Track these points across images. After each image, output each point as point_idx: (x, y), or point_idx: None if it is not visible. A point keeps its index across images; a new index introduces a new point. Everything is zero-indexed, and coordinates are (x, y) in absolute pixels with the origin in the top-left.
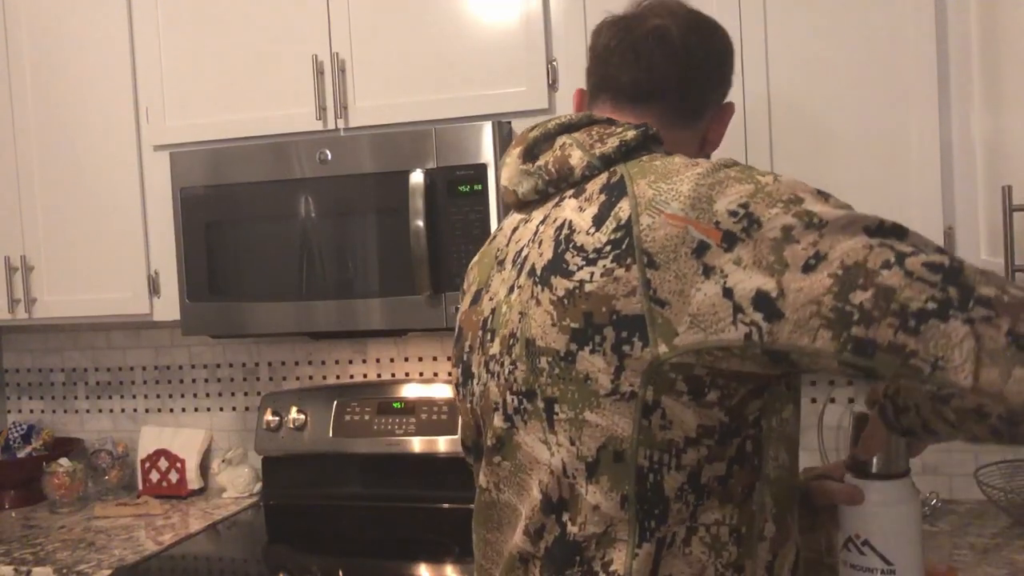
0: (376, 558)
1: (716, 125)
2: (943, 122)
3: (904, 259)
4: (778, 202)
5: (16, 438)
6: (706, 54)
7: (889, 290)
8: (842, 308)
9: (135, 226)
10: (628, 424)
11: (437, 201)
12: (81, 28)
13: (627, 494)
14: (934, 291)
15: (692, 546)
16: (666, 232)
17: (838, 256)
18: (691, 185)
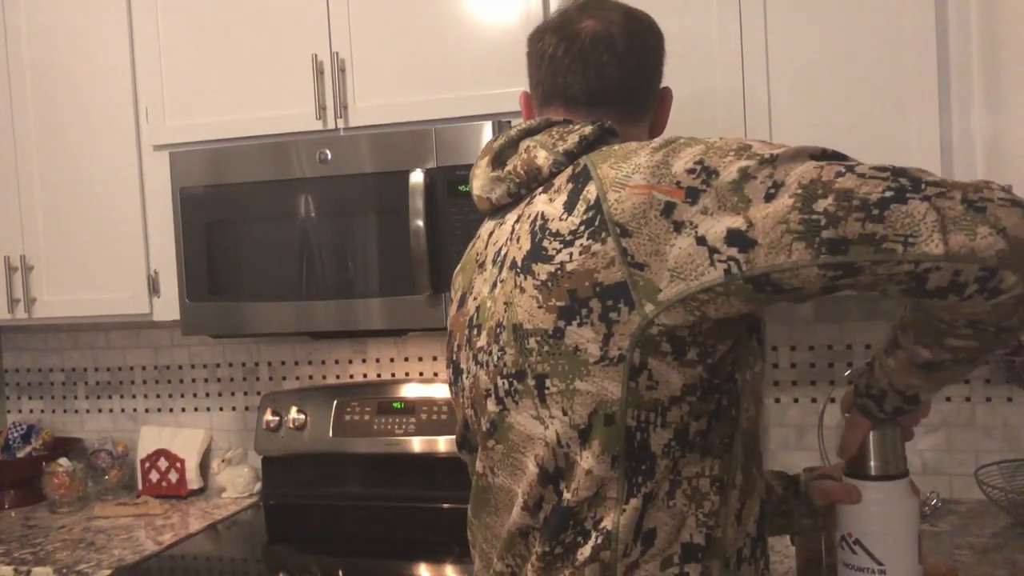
0: (376, 558)
1: (660, 113)
2: (943, 122)
3: (853, 167)
4: (729, 152)
5: (16, 438)
6: (646, 54)
7: (847, 191)
8: (809, 218)
9: (135, 226)
10: (617, 387)
11: (437, 201)
12: (81, 28)
13: (617, 454)
14: (888, 182)
15: (676, 498)
16: (633, 202)
17: (794, 179)
18: (647, 156)
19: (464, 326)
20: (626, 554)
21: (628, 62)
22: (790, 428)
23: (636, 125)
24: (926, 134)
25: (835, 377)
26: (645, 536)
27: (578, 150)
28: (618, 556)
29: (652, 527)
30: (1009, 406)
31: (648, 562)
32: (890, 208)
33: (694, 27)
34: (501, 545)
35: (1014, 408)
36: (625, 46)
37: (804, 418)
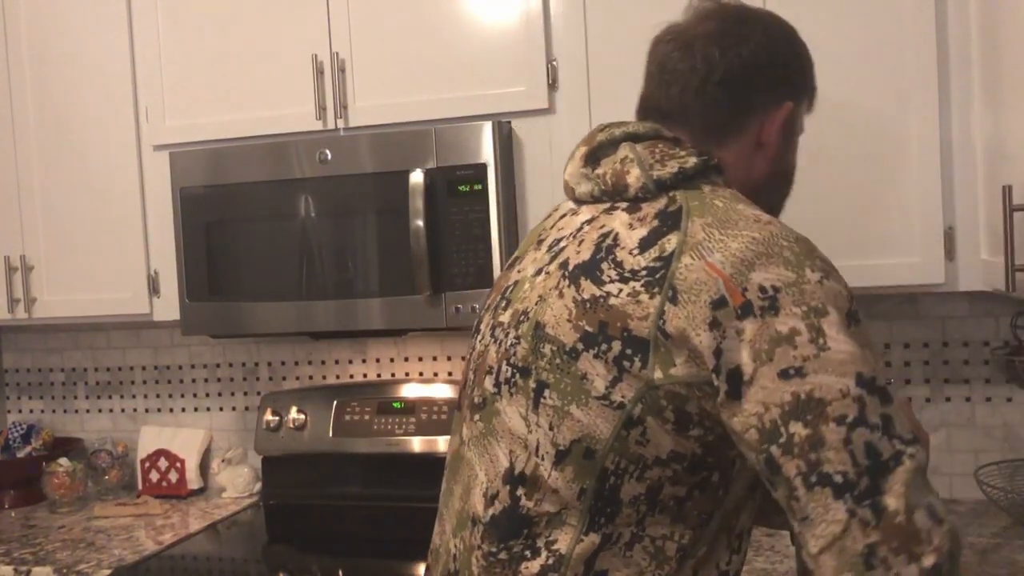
0: (376, 558)
1: (768, 128)
2: (943, 122)
3: (858, 427)
4: (805, 304)
5: (16, 438)
6: (734, 61)
7: (821, 442)
8: (778, 427)
9: (135, 226)
10: (608, 429)
11: (437, 201)
12: (81, 28)
13: (585, 488)
14: (851, 471)
15: (634, 551)
16: (698, 276)
17: (812, 383)
18: (741, 245)
19: (500, 290)
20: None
21: (700, 74)
22: None
23: (721, 147)
24: (926, 134)
25: None
26: (596, 574)
27: (673, 182)
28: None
29: (604, 568)
30: (1009, 406)
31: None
32: (824, 490)
33: None
34: (456, 521)
35: (1014, 408)
36: (703, 56)
37: None
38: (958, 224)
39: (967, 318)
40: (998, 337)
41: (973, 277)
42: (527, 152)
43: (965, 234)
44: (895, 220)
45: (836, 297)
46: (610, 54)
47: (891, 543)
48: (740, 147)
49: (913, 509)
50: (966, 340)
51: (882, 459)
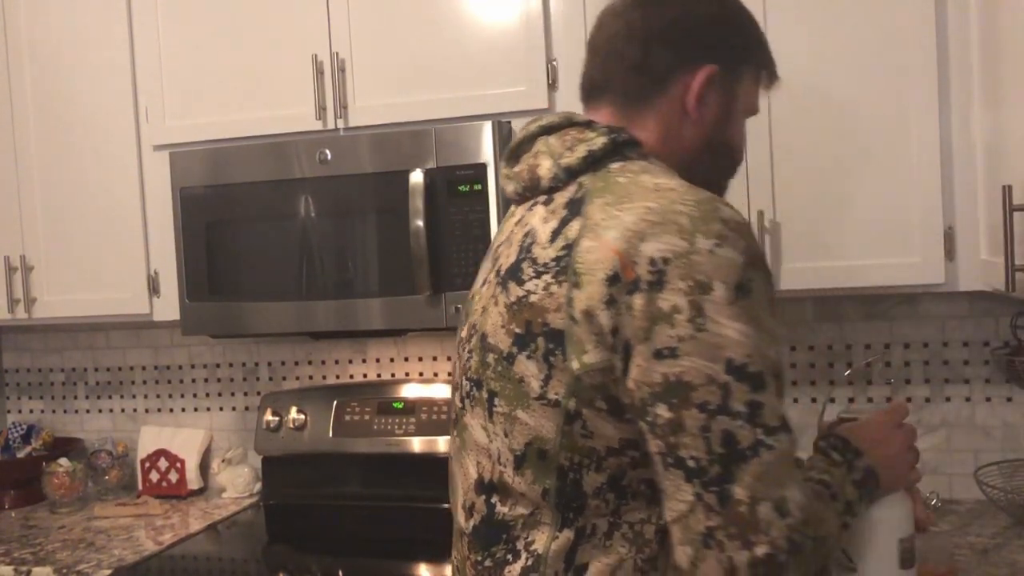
0: (376, 558)
1: (689, 93)
2: (943, 122)
3: (719, 415)
4: (691, 277)
5: (16, 438)
6: (656, 17)
7: (680, 427)
8: (646, 406)
9: (135, 226)
10: (552, 428)
11: (437, 201)
12: (81, 28)
13: (548, 488)
14: (704, 458)
15: (613, 540)
16: (596, 256)
17: (682, 367)
18: (635, 217)
19: (465, 307)
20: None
21: (624, 34)
22: None
23: (647, 106)
24: (926, 134)
25: (835, 377)
26: (577, 568)
27: (582, 166)
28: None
29: (585, 562)
30: (1009, 406)
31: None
32: (677, 471)
33: None
34: (455, 536)
35: (1014, 408)
36: (625, 20)
37: (804, 418)
38: (958, 224)
39: (967, 318)
40: (998, 337)
41: (973, 277)
42: None
43: (965, 234)
44: (895, 220)
45: (725, 268)
46: None
47: (729, 528)
48: (665, 114)
49: (759, 500)
50: (966, 340)
51: (739, 448)
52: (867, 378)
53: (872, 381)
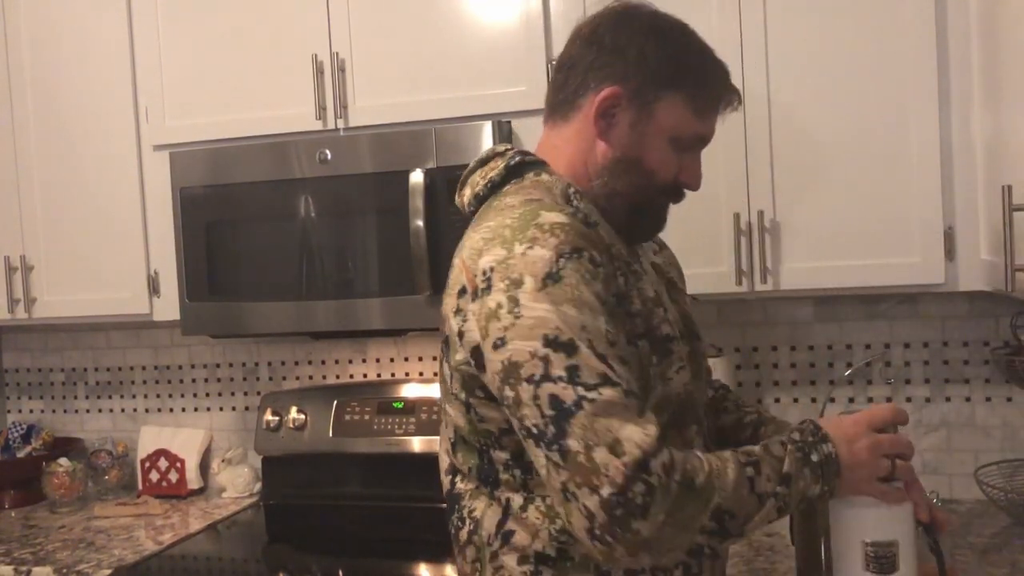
0: (376, 558)
1: (588, 110)
2: (943, 122)
3: (542, 383)
4: (507, 278)
5: (16, 438)
6: (584, 41)
7: (519, 401)
8: (501, 393)
9: (135, 226)
10: (461, 417)
11: (437, 201)
12: (81, 28)
13: (472, 466)
14: (540, 422)
15: (528, 512)
16: (455, 274)
17: (511, 351)
18: (479, 236)
19: None
20: (488, 543)
21: (563, 58)
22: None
23: (564, 124)
24: (926, 134)
25: (835, 377)
26: (504, 535)
27: (486, 192)
28: (484, 542)
29: (511, 530)
30: (1009, 406)
31: (507, 555)
32: (528, 440)
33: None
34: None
35: (1014, 408)
36: (570, 40)
37: (804, 418)
38: (958, 224)
39: (967, 318)
40: (998, 337)
41: (973, 277)
42: None
43: (965, 234)
44: (895, 220)
45: (534, 264)
46: None
47: (575, 479)
48: (580, 131)
49: (592, 447)
50: (966, 340)
51: (564, 406)
52: (867, 378)
53: (872, 381)
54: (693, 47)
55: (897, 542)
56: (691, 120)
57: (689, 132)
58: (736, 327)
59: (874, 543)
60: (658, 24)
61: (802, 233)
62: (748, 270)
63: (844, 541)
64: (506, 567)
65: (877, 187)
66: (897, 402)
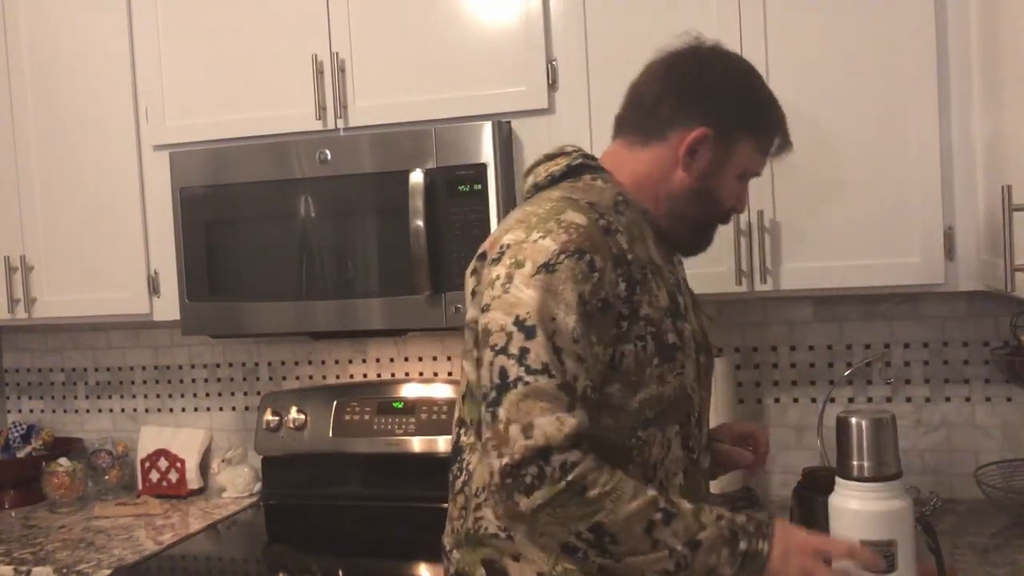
0: (376, 558)
1: (680, 144)
2: (943, 122)
3: (500, 354)
4: (514, 257)
5: (16, 438)
6: (677, 77)
7: (480, 362)
8: (478, 349)
9: (135, 226)
10: (473, 372)
11: (437, 201)
12: (81, 28)
13: (475, 418)
14: (487, 385)
15: None
16: (484, 244)
17: (489, 318)
18: (514, 218)
19: None
20: (476, 495)
21: (654, 87)
22: (789, 428)
23: (644, 148)
24: (926, 134)
25: (835, 377)
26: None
27: (545, 183)
28: (472, 493)
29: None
30: (1009, 406)
31: (488, 508)
32: (476, 399)
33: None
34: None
35: (1014, 408)
36: (662, 73)
37: (804, 418)
38: (958, 224)
39: (967, 318)
40: (998, 337)
41: (973, 277)
42: (527, 152)
43: (965, 234)
44: (895, 220)
45: (538, 252)
46: (610, 54)
47: (493, 440)
48: (658, 157)
49: (511, 422)
50: (966, 340)
51: (508, 379)
52: (867, 378)
53: (872, 381)
54: (767, 94)
55: (895, 541)
56: (757, 159)
57: (753, 168)
58: (736, 327)
59: (872, 542)
60: (741, 70)
61: (802, 233)
62: (748, 270)
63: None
64: (486, 518)
65: (877, 187)
66: (897, 402)
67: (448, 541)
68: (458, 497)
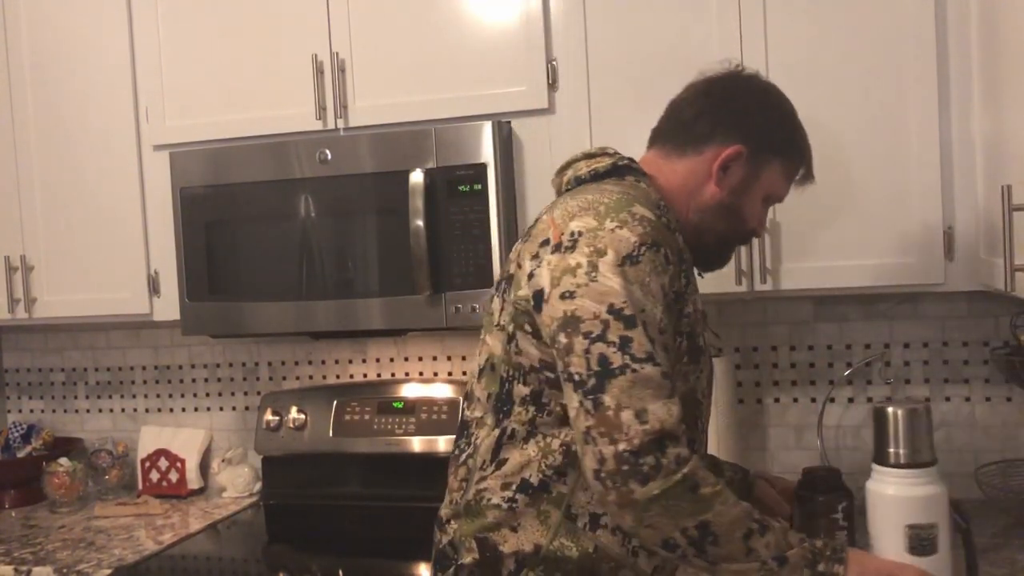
0: (376, 558)
1: (714, 160)
2: (943, 122)
3: (596, 342)
4: (592, 244)
5: (16, 438)
6: (718, 96)
7: (570, 350)
8: (555, 336)
9: (135, 226)
10: (499, 346)
11: (437, 201)
12: (81, 28)
13: (492, 392)
14: (584, 373)
15: (528, 445)
16: (542, 227)
17: (576, 305)
18: (574, 204)
19: None
20: (481, 467)
21: (694, 98)
22: (789, 428)
23: (680, 158)
24: (926, 134)
25: (835, 377)
26: (499, 462)
27: (587, 178)
28: (476, 466)
29: (505, 458)
30: (1009, 406)
31: (492, 479)
32: (567, 385)
33: (694, 28)
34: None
35: (1014, 408)
36: (704, 90)
37: (804, 418)
38: (958, 224)
39: (966, 318)
40: (997, 337)
41: (972, 277)
42: (527, 152)
43: (964, 234)
44: (895, 220)
45: (619, 242)
46: (610, 54)
47: (599, 428)
48: (692, 169)
49: (622, 408)
50: (965, 340)
51: (611, 367)
52: (867, 378)
53: (872, 381)
54: (799, 124)
55: (937, 524)
56: (782, 183)
57: (777, 193)
58: (736, 327)
59: (916, 526)
60: (778, 97)
61: (802, 233)
62: (748, 270)
63: (886, 525)
64: (488, 489)
65: (877, 187)
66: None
67: (445, 512)
68: (459, 469)
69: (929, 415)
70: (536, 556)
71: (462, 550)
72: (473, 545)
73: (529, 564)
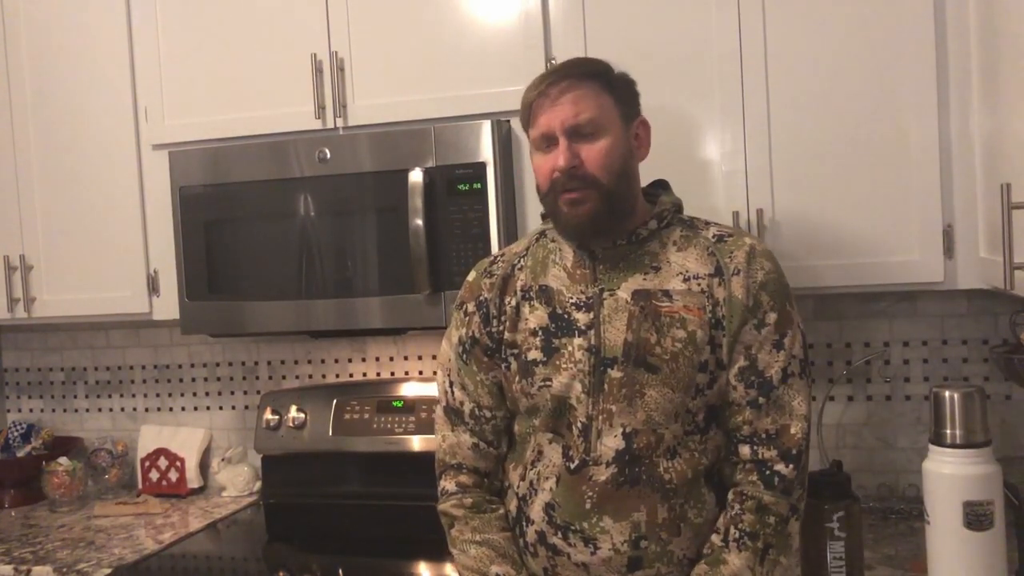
0: (376, 557)
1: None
2: (943, 122)
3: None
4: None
5: (16, 437)
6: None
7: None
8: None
9: (134, 225)
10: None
11: (436, 200)
12: (81, 28)
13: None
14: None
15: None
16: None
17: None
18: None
19: None
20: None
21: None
22: None
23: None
24: (925, 133)
25: (834, 376)
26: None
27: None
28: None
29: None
30: (1008, 404)
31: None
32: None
33: (694, 29)
34: None
35: (1013, 406)
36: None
37: None
38: (957, 222)
39: (966, 316)
40: (997, 335)
41: (972, 275)
42: (526, 151)
43: (964, 232)
44: (894, 218)
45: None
46: (609, 54)
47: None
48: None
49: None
50: (965, 338)
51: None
52: (867, 376)
53: (871, 379)
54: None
55: (993, 501)
56: (531, 128)
57: (534, 139)
58: None
59: (972, 502)
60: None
61: (802, 232)
62: None
63: (943, 502)
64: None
65: (877, 186)
66: (896, 400)
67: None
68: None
69: (984, 398)
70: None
71: None
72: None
73: None
